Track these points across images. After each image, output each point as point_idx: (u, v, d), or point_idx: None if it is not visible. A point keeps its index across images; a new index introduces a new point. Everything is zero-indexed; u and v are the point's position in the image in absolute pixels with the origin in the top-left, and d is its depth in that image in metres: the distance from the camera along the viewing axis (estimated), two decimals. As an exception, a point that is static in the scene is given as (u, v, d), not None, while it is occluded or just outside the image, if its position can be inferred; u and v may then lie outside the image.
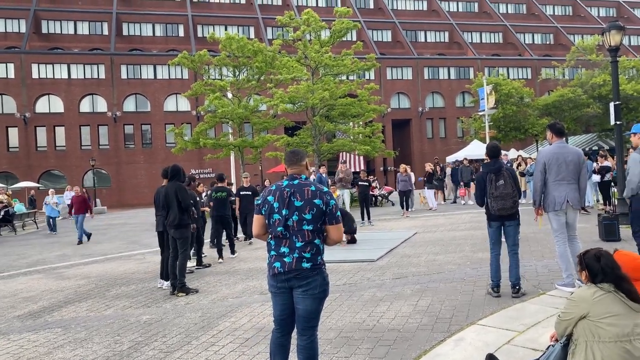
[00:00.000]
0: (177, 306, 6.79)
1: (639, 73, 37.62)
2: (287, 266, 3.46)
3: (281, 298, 3.55)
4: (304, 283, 3.47)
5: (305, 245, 3.48)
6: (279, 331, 3.63)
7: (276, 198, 3.56)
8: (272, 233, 3.57)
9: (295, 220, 3.48)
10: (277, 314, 3.61)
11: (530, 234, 10.11)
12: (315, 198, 3.51)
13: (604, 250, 3.33)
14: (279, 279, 3.51)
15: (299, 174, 3.64)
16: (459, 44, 54.80)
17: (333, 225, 3.56)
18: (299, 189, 3.54)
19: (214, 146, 25.54)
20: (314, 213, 3.48)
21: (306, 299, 3.49)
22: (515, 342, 4.40)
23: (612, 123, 11.36)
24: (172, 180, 7.73)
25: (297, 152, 3.73)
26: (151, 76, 43.21)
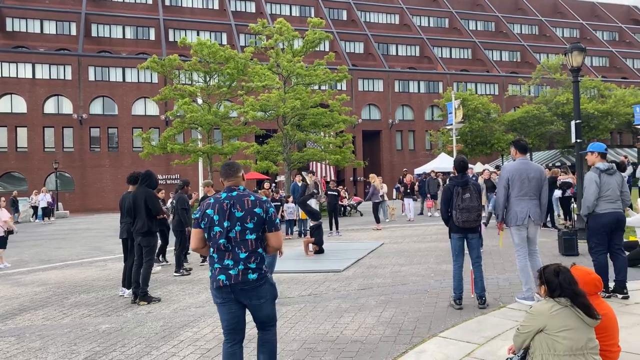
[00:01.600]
0: (138, 315, 6.63)
1: (600, 93, 39.06)
2: (232, 279, 3.50)
3: (228, 307, 3.59)
4: (253, 294, 3.56)
5: (249, 256, 3.54)
6: (229, 341, 3.66)
7: (216, 211, 3.59)
8: (213, 246, 3.60)
9: (238, 230, 3.54)
10: (225, 324, 3.64)
11: (493, 247, 10.31)
12: (255, 207, 3.59)
13: (563, 266, 3.43)
14: (224, 291, 3.54)
15: (237, 185, 3.71)
16: (429, 59, 55.81)
17: (272, 232, 3.65)
18: (239, 200, 3.61)
19: (182, 152, 25.19)
20: (255, 222, 3.57)
21: (262, 307, 3.62)
22: (475, 355, 4.46)
23: (573, 141, 11.73)
24: (142, 185, 7.55)
25: (232, 164, 3.82)
26: (120, 79, 42.42)
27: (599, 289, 3.98)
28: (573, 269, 3.94)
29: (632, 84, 46.00)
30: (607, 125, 36.11)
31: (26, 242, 17.16)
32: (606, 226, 5.96)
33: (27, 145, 40.03)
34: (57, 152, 40.15)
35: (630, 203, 6.28)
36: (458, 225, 5.90)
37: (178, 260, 9.68)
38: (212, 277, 3.60)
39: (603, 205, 5.94)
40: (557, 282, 3.33)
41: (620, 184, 6.05)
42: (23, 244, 16.55)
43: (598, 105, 35.25)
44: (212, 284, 3.59)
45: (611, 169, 6.02)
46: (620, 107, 36.08)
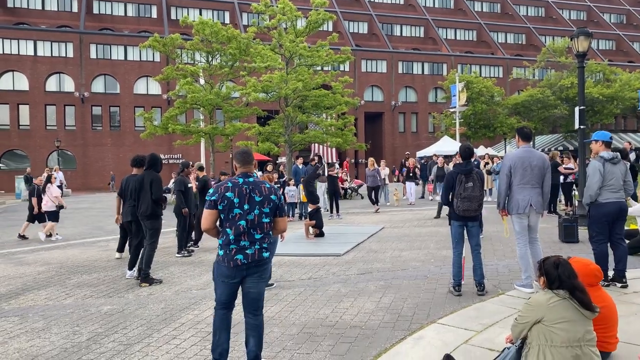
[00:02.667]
0: (139, 297, 6.69)
1: (605, 77, 38.72)
2: (249, 257, 3.85)
3: (232, 286, 3.93)
4: (261, 269, 3.94)
5: (263, 237, 3.93)
6: (224, 308, 4.00)
7: (236, 194, 3.88)
8: (231, 227, 3.85)
9: (257, 214, 3.89)
10: (223, 299, 3.97)
11: (494, 233, 10.34)
12: (271, 194, 3.96)
13: (563, 259, 3.44)
14: (237, 270, 3.85)
15: (250, 172, 4.02)
16: (433, 40, 55.24)
17: (282, 217, 4.08)
18: (257, 186, 3.94)
19: (183, 132, 25.16)
20: (271, 207, 3.95)
21: (260, 283, 3.97)
22: (473, 342, 4.50)
23: (576, 127, 11.67)
24: (149, 169, 7.58)
25: (248, 152, 4.11)
26: (121, 57, 42.15)
27: (599, 279, 4.00)
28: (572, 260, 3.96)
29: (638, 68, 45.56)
30: (612, 109, 35.87)
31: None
32: (608, 215, 5.95)
33: (29, 123, 39.99)
34: (58, 130, 40.11)
35: (632, 192, 6.25)
36: (458, 213, 5.91)
37: (180, 241, 9.74)
38: (226, 256, 3.86)
39: (606, 195, 5.92)
40: (556, 275, 3.35)
41: (623, 173, 6.02)
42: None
43: (603, 90, 34.97)
44: (226, 262, 3.85)
45: (615, 158, 5.99)
46: (625, 91, 35.79)
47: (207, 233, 4.02)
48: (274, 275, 7.23)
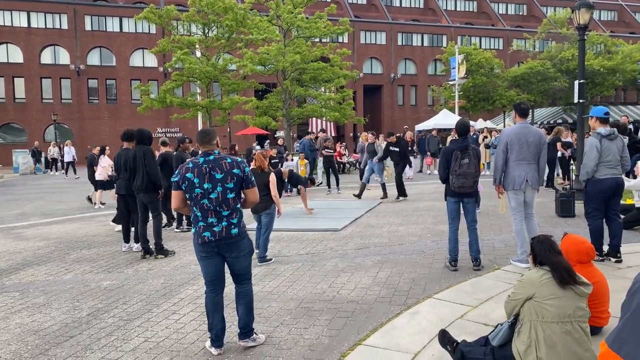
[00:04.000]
0: (139, 272, 6.76)
1: (607, 48, 38.30)
2: (217, 235, 3.92)
3: (212, 261, 4.01)
4: (234, 248, 3.99)
5: (231, 213, 3.95)
6: (213, 291, 4.08)
7: (195, 174, 3.92)
8: (196, 206, 3.93)
9: (220, 191, 3.91)
10: (209, 276, 4.07)
11: (491, 207, 10.39)
12: (233, 168, 3.95)
13: (544, 236, 3.49)
14: (208, 246, 3.95)
15: (212, 150, 4.02)
16: (433, 11, 54.41)
17: (250, 189, 4.05)
18: (217, 163, 3.94)
19: (180, 105, 24.98)
20: (235, 182, 3.95)
21: (239, 260, 4.05)
22: (468, 317, 4.58)
23: (575, 101, 11.61)
24: (139, 144, 7.60)
25: (208, 131, 4.12)
26: (117, 29, 41.50)
27: (592, 257, 4.05)
28: (566, 237, 4.00)
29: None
30: (613, 82, 35.59)
31: (27, 195, 17.29)
32: (605, 192, 5.97)
33: (25, 96, 39.63)
34: (54, 103, 39.79)
35: (628, 168, 6.26)
36: (454, 190, 5.94)
37: (179, 215, 9.77)
38: (196, 233, 3.98)
39: (603, 171, 5.93)
40: (539, 251, 3.41)
41: (620, 149, 6.02)
42: (24, 197, 16.68)
43: (604, 62, 34.62)
44: (196, 239, 3.98)
45: (612, 135, 5.98)
46: (627, 63, 35.46)
47: (179, 211, 4.21)
48: (272, 251, 7.30)
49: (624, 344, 1.28)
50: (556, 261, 3.33)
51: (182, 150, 10.09)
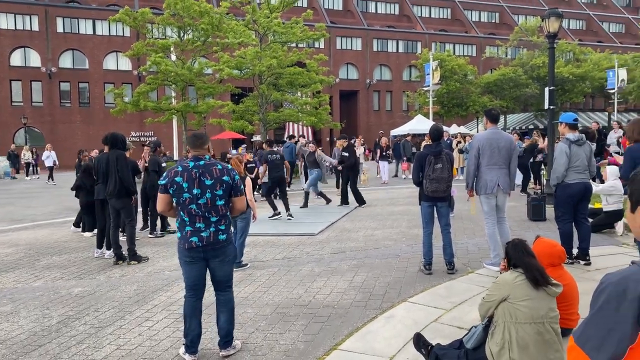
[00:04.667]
0: (111, 278, 6.64)
1: (576, 56, 39.33)
2: (204, 240, 3.88)
3: (196, 266, 3.97)
4: (220, 253, 3.96)
5: (219, 219, 3.92)
6: (194, 296, 4.05)
7: (185, 178, 3.86)
8: (183, 210, 3.88)
9: (209, 197, 3.86)
10: (191, 281, 4.02)
11: (465, 211, 10.52)
12: (223, 175, 3.91)
13: (517, 240, 3.58)
14: (194, 252, 3.90)
15: (202, 155, 3.96)
16: (408, 17, 55.05)
17: (238, 197, 4.02)
18: (207, 169, 3.89)
19: (155, 109, 24.66)
20: (224, 188, 3.90)
21: (223, 266, 4.02)
22: (442, 320, 4.63)
23: (546, 107, 11.89)
24: (112, 148, 7.49)
25: (200, 135, 4.06)
26: (90, 32, 40.81)
27: (563, 260, 4.14)
28: (538, 241, 4.09)
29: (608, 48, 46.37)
30: (582, 89, 36.56)
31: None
32: (573, 196, 6.12)
33: (-7, 99, 38.61)
34: (25, 106, 38.85)
35: (594, 174, 6.43)
36: (427, 194, 6.01)
37: (152, 221, 9.65)
38: (182, 238, 3.92)
39: (572, 176, 6.07)
40: (513, 255, 3.48)
41: (588, 154, 6.19)
42: (-8, 203, 16.21)
43: (573, 69, 35.56)
44: (182, 244, 3.92)
45: (580, 140, 6.14)
46: (595, 71, 36.47)
47: (165, 214, 4.14)
48: (248, 256, 7.26)
49: (588, 341, 1.33)
50: (530, 263, 3.40)
51: (157, 154, 9.97)
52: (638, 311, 1.29)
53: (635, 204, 1.43)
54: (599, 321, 1.33)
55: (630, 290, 1.30)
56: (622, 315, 1.30)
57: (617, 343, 1.30)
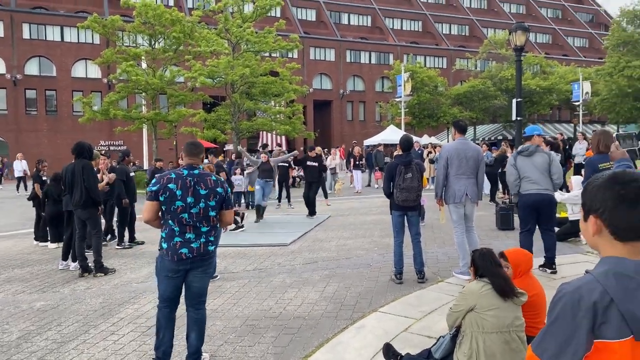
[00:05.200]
0: (75, 291, 6.45)
1: (542, 69, 40.44)
2: (195, 251, 3.77)
3: (176, 280, 3.84)
4: (205, 264, 3.88)
5: (210, 230, 3.85)
6: (168, 307, 3.92)
7: (179, 186, 3.76)
8: (173, 219, 3.76)
9: (202, 207, 3.78)
10: (167, 295, 3.88)
11: (435, 220, 10.62)
12: (217, 187, 3.86)
13: (487, 249, 3.61)
14: (182, 264, 3.77)
15: (197, 165, 3.92)
16: (380, 29, 55.75)
17: (229, 209, 3.99)
18: (202, 179, 3.83)
19: (125, 118, 24.26)
20: (217, 200, 3.84)
21: (204, 278, 3.91)
22: (412, 330, 4.63)
23: (514, 118, 12.16)
24: (78, 158, 7.32)
25: (198, 144, 4.03)
26: (57, 38, 39.98)
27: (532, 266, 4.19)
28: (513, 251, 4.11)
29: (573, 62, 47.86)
30: (549, 101, 37.56)
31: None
32: (527, 207, 6.17)
33: (-45, 106, 37.41)
34: (-12, 114, 37.75)
35: (559, 185, 6.41)
36: (398, 203, 6.05)
37: (120, 232, 9.44)
38: (170, 249, 3.76)
39: (525, 186, 6.15)
40: (480, 264, 3.51)
41: (542, 165, 6.10)
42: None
43: (540, 82, 36.53)
44: (170, 256, 3.75)
45: (525, 151, 6.20)
46: (561, 84, 37.54)
47: (150, 224, 3.92)
48: (218, 267, 7.15)
49: (545, 351, 1.35)
50: (497, 273, 3.44)
51: (125, 163, 9.78)
52: (592, 320, 1.31)
53: (587, 213, 1.45)
54: (556, 331, 1.34)
55: (585, 299, 1.32)
56: (578, 324, 1.32)
57: (573, 352, 1.32)
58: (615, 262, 1.37)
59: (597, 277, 1.35)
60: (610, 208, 1.38)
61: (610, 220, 1.38)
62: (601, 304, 1.31)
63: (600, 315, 1.31)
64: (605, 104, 32.94)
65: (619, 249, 1.38)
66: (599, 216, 1.40)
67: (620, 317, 1.30)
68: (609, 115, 33.17)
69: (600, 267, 1.39)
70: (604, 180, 1.42)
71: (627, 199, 1.36)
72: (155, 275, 3.95)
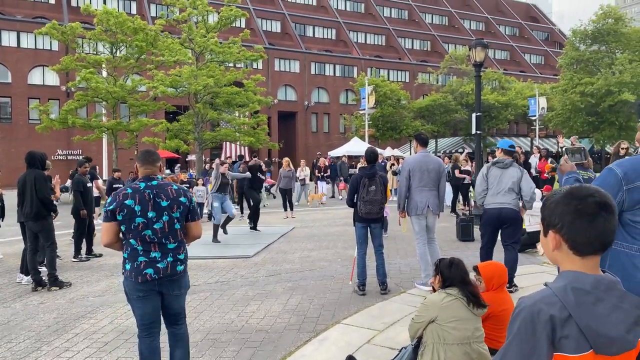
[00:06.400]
0: (28, 306, 6.19)
1: (501, 85, 41.72)
2: (161, 272, 3.42)
3: (150, 301, 3.48)
4: (176, 285, 3.54)
5: (178, 247, 3.50)
6: (149, 335, 3.54)
7: (137, 201, 3.42)
8: (135, 238, 3.42)
9: (166, 220, 3.44)
10: (146, 319, 3.50)
11: (397, 232, 10.74)
12: (180, 196, 3.53)
13: (457, 259, 3.65)
14: (149, 285, 3.42)
15: (154, 175, 3.58)
16: (344, 42, 56.42)
17: (195, 221, 3.64)
18: (162, 189, 3.49)
19: (84, 127, 23.64)
20: (181, 211, 3.51)
21: (179, 297, 3.60)
22: (375, 342, 4.65)
23: (473, 132, 12.47)
24: (30, 167, 7.06)
25: (152, 152, 3.69)
26: (14, 44, 38.71)
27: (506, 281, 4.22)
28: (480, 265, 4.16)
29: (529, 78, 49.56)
30: (506, 115, 38.72)
31: None
32: (491, 221, 6.05)
33: None
34: (-63, 121, 36.10)
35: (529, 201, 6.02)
36: (361, 215, 6.09)
37: (77, 245, 9.14)
38: (134, 270, 3.40)
39: (488, 199, 6.03)
40: (449, 274, 3.55)
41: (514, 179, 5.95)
42: None
43: (499, 97, 37.67)
44: (134, 278, 3.39)
45: (501, 163, 6.07)
46: (518, 99, 38.81)
47: (110, 247, 3.53)
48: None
49: None
50: (466, 281, 3.49)
51: (81, 173, 9.49)
52: (551, 333, 1.33)
53: (546, 227, 1.48)
54: (517, 345, 1.36)
55: (544, 312, 1.34)
56: (537, 338, 1.33)
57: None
58: (573, 277, 1.39)
59: (555, 291, 1.37)
60: (568, 223, 1.40)
61: (568, 235, 1.41)
62: (559, 318, 1.32)
63: (559, 329, 1.32)
64: (559, 119, 34.21)
65: (578, 264, 1.41)
66: (558, 231, 1.43)
67: (579, 332, 1.32)
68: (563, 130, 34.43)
69: (558, 281, 1.41)
70: (561, 195, 1.44)
71: (584, 214, 1.39)
72: (128, 302, 3.62)
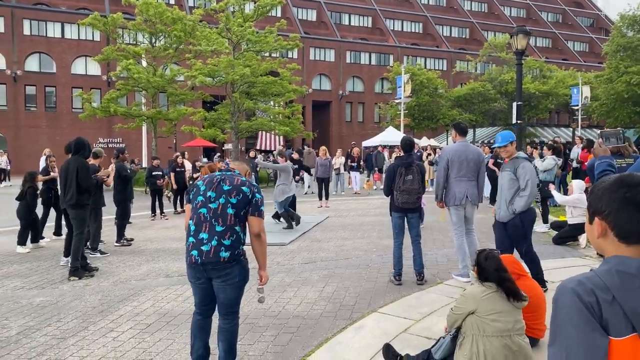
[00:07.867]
0: (75, 288, 6.45)
1: (542, 73, 40.52)
2: (204, 255, 3.43)
3: (201, 288, 3.60)
4: (222, 274, 3.48)
5: (225, 231, 3.46)
6: (199, 314, 3.72)
7: (205, 182, 3.68)
8: (193, 216, 3.60)
9: (222, 202, 3.51)
10: (197, 300, 3.70)
11: (434, 222, 10.65)
12: (243, 186, 3.60)
13: (493, 253, 3.61)
14: (196, 270, 3.50)
15: (233, 171, 3.82)
16: (381, 30, 55.81)
17: (255, 216, 3.59)
18: (230, 177, 3.67)
19: (124, 115, 24.26)
20: (240, 199, 3.53)
21: (226, 289, 3.54)
22: (412, 331, 4.65)
23: (514, 121, 12.19)
24: (76, 154, 7.23)
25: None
26: (58, 35, 39.95)
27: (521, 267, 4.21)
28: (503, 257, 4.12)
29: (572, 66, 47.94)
30: (547, 105, 37.64)
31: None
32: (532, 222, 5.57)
33: (-46, 101, 37.34)
34: (-13, 110, 37.69)
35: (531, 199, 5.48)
36: (398, 205, 6.06)
37: (119, 230, 9.43)
38: (186, 251, 3.60)
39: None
40: (485, 267, 3.52)
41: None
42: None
43: (540, 86, 36.61)
44: (186, 258, 3.60)
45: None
46: (560, 88, 37.61)
47: None
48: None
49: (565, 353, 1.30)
50: (504, 278, 3.45)
51: (121, 160, 9.76)
52: (597, 314, 1.29)
53: (592, 214, 1.46)
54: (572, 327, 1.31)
55: (587, 293, 1.30)
56: (588, 320, 1.28)
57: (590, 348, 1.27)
58: (618, 261, 1.37)
59: (599, 274, 1.35)
60: (615, 210, 1.39)
61: (615, 223, 1.39)
62: (603, 299, 1.29)
63: (603, 311, 1.30)
64: (603, 109, 32.99)
65: (623, 252, 1.38)
66: (604, 218, 1.41)
67: (623, 315, 1.29)
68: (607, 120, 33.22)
69: (603, 265, 1.39)
70: (610, 182, 1.42)
71: (632, 202, 1.37)
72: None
